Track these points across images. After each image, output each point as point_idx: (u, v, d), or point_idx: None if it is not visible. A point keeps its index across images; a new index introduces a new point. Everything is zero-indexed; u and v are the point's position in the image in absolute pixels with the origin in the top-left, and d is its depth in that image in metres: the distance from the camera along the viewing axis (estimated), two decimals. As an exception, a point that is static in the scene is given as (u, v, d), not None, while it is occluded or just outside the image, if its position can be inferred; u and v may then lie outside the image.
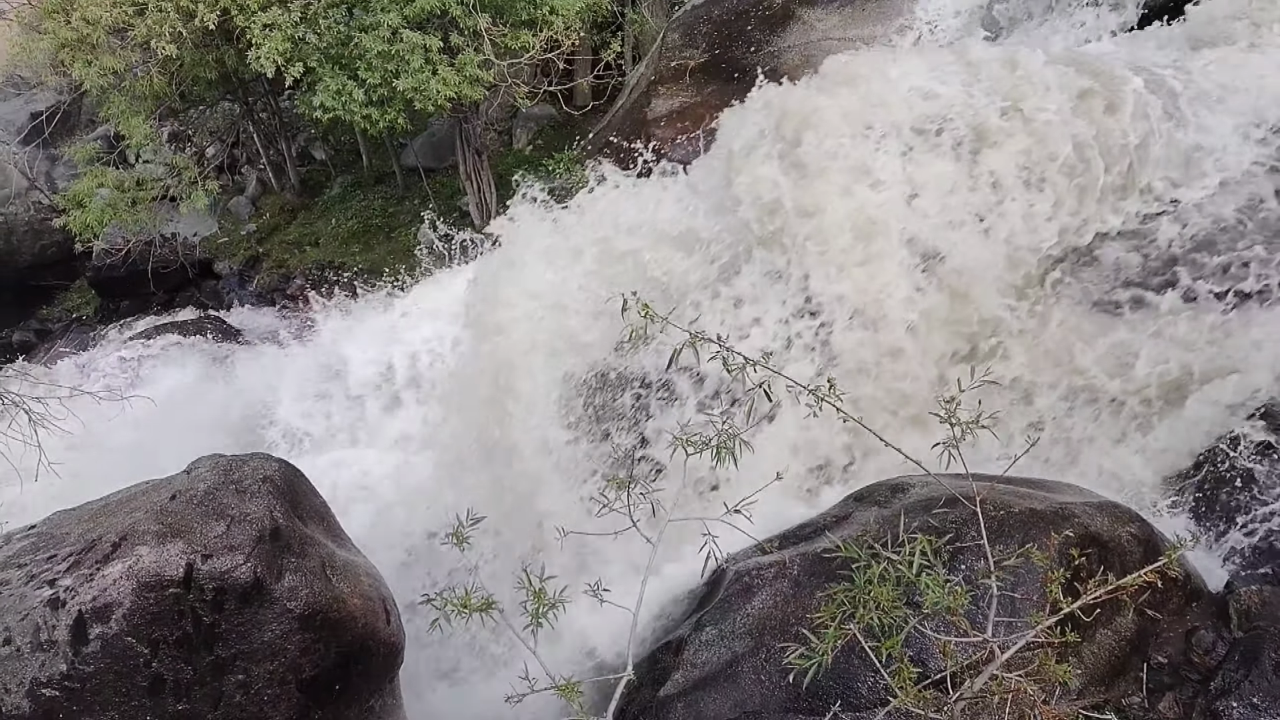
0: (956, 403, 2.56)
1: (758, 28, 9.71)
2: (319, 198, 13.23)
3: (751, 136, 5.63)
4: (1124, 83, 5.09)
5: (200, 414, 8.33)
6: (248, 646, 3.73)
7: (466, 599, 2.63)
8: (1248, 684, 3.25)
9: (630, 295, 2.73)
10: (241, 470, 4.17)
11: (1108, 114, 5.01)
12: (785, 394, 3.88)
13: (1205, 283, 4.71)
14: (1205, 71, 5.39)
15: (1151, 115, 4.99)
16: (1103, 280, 5.00)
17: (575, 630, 4.29)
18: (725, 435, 2.70)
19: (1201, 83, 5.28)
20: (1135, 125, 4.96)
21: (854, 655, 3.10)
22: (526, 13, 9.29)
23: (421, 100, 8.89)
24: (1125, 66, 5.34)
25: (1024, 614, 3.13)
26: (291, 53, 8.86)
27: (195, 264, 12.72)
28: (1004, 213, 4.99)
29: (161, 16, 9.33)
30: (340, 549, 4.50)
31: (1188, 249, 4.83)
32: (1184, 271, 4.78)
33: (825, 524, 4.27)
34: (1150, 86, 5.14)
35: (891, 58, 6.07)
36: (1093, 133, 4.95)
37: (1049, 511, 3.73)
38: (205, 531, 3.79)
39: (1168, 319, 4.71)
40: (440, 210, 11.89)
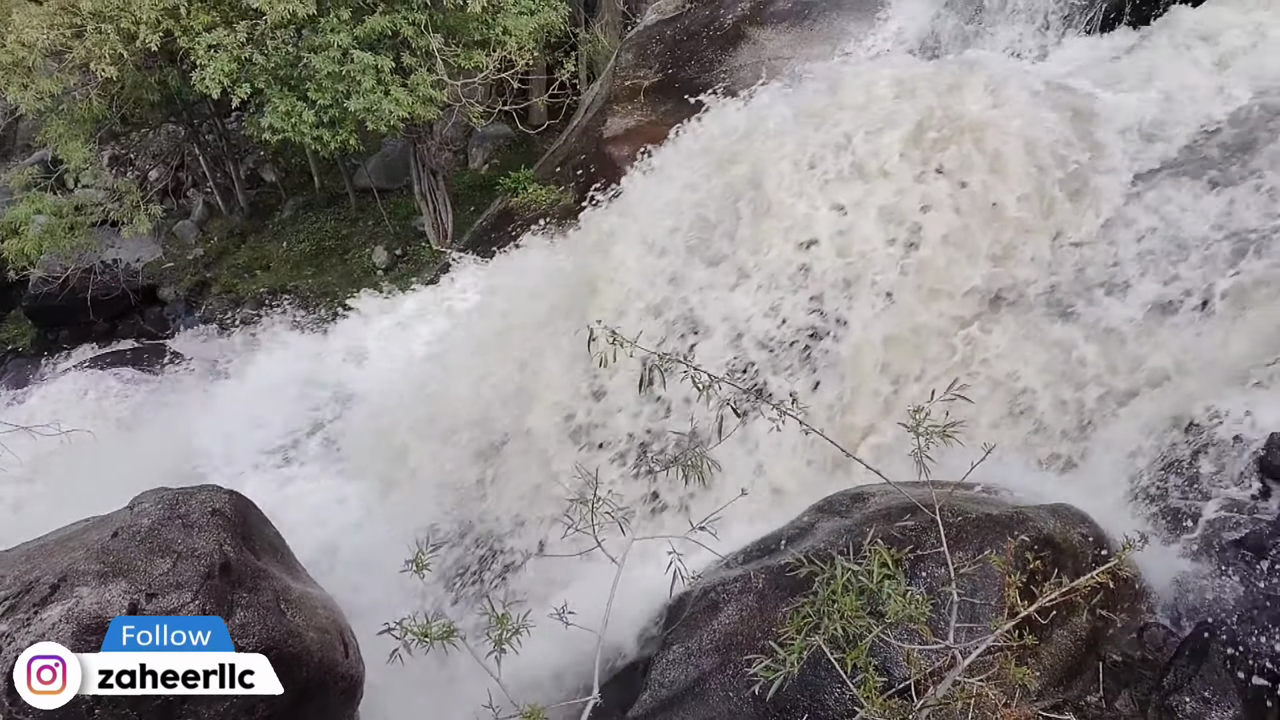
0: (925, 412, 2.59)
1: (710, 48, 9.83)
2: (269, 220, 13.01)
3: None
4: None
5: (144, 446, 8.08)
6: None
7: (427, 628, 2.58)
8: (1199, 678, 3.33)
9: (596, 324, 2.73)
10: (188, 504, 4.05)
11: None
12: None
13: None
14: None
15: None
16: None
17: (538, 652, 4.24)
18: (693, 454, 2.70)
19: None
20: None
21: (820, 667, 3.11)
22: (479, 33, 9.29)
23: (374, 121, 8.82)
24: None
25: (984, 619, 3.17)
26: (238, 74, 8.73)
27: (138, 291, 12.38)
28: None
29: (101, 38, 9.12)
30: (295, 581, 4.39)
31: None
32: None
33: (789, 535, 4.29)
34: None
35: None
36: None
37: (1004, 516, 3.80)
38: (149, 569, 3.67)
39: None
40: (396, 231, 11.79)
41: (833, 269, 5.56)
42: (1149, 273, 5.05)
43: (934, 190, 5.52)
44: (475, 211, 11.23)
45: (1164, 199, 5.24)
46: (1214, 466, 4.13)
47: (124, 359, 10.52)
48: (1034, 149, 5.42)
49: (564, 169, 10.22)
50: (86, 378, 10.21)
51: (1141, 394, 4.70)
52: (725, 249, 5.97)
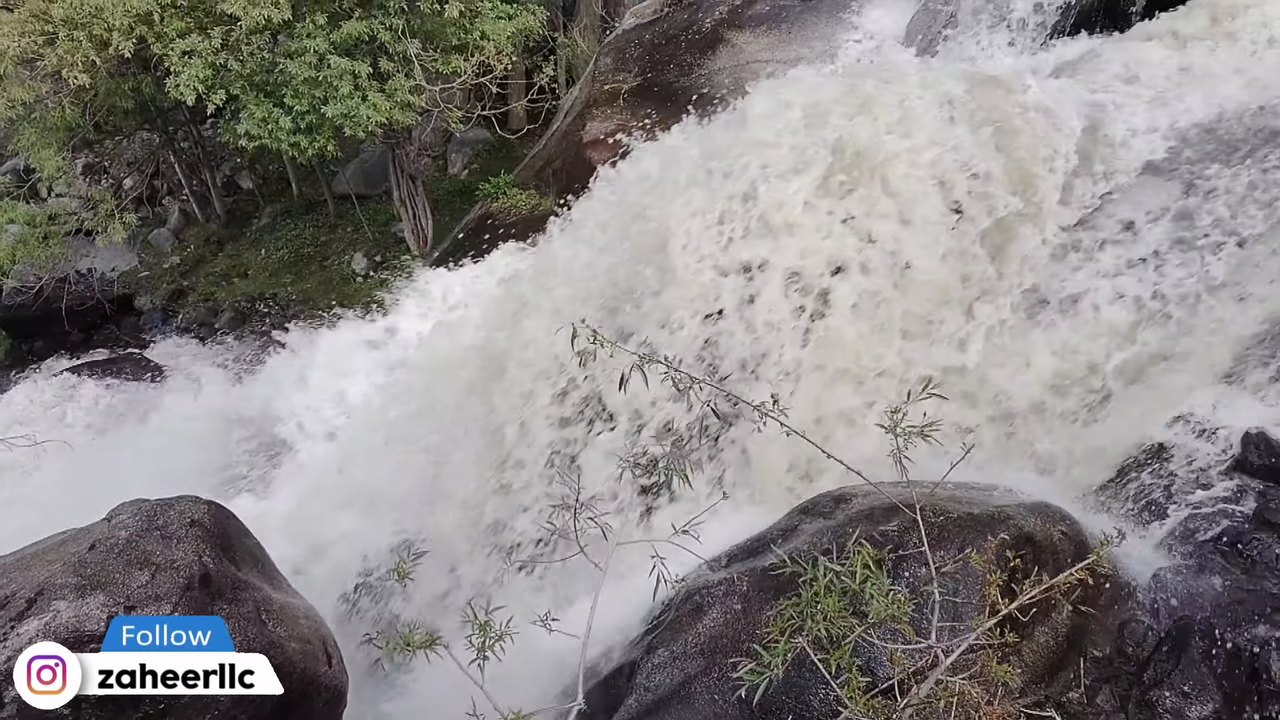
0: (902, 413, 2.61)
1: (688, 51, 9.87)
2: (247, 228, 12.89)
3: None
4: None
5: (123, 458, 7.97)
6: (177, 702, 3.55)
7: (409, 636, 2.56)
8: (1178, 673, 3.37)
9: (579, 323, 2.72)
10: (167, 515, 4.00)
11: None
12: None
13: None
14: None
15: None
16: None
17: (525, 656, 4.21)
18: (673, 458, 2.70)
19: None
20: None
21: (805, 668, 3.12)
22: (457, 38, 9.26)
23: (351, 127, 8.76)
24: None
25: (966, 618, 3.19)
26: (213, 80, 8.66)
27: (114, 300, 12.23)
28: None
29: (74, 45, 9.00)
30: (276, 591, 4.34)
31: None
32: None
33: (773, 537, 4.29)
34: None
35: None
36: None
37: (985, 515, 3.83)
38: (128, 582, 3.63)
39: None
40: (375, 237, 11.71)
41: (740, 345, 4.96)
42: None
43: (842, 247, 4.94)
44: (455, 217, 11.19)
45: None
46: (1190, 464, 4.18)
47: (103, 369, 10.37)
48: (950, 189, 4.82)
49: (544, 173, 10.22)
50: (60, 388, 10.06)
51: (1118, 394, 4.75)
52: (634, 322, 5.41)
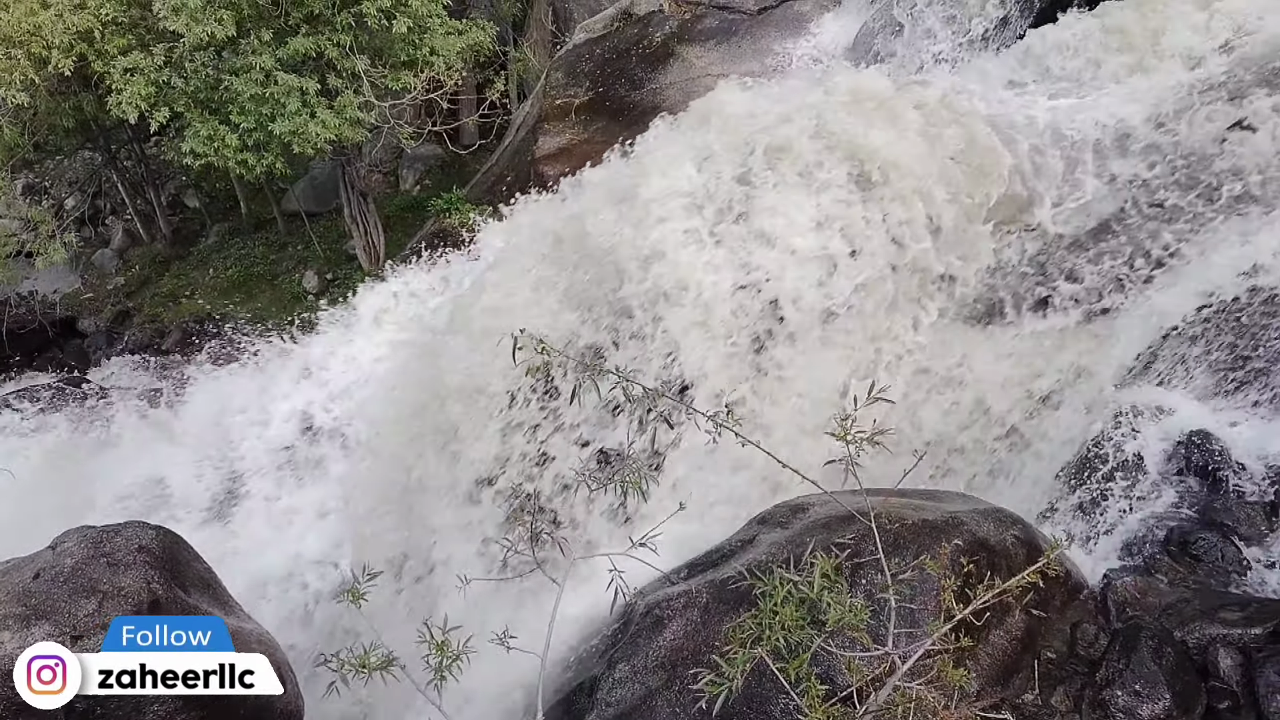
0: (851, 420, 2.63)
1: (639, 65, 9.95)
2: (194, 247, 12.64)
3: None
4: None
5: (67, 486, 7.71)
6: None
7: (364, 658, 2.51)
8: (1129, 672, 3.44)
9: (519, 333, 2.70)
10: (113, 541, 3.90)
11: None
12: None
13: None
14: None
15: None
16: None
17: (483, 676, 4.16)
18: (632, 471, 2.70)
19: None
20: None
21: (764, 678, 3.12)
22: (406, 54, 9.20)
23: (300, 144, 8.64)
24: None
25: (922, 623, 3.23)
26: (156, 97, 8.49)
27: (56, 323, 11.92)
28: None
29: (11, 64, 8.77)
30: (229, 616, 4.23)
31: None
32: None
33: (731, 549, 4.30)
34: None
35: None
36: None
37: (940, 522, 3.88)
38: (74, 611, 3.55)
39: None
40: (327, 255, 11.56)
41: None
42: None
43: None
44: (407, 233, 11.10)
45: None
46: (1136, 467, 4.30)
47: (45, 395, 10.01)
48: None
49: (496, 188, 10.19)
50: (2, 414, 9.69)
51: (1064, 396, 4.87)
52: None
